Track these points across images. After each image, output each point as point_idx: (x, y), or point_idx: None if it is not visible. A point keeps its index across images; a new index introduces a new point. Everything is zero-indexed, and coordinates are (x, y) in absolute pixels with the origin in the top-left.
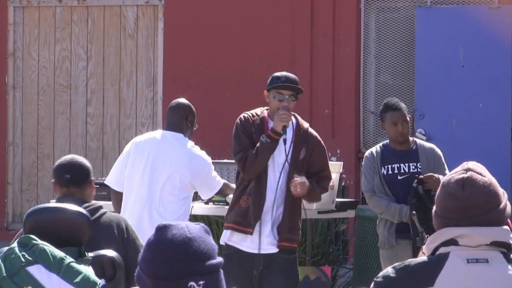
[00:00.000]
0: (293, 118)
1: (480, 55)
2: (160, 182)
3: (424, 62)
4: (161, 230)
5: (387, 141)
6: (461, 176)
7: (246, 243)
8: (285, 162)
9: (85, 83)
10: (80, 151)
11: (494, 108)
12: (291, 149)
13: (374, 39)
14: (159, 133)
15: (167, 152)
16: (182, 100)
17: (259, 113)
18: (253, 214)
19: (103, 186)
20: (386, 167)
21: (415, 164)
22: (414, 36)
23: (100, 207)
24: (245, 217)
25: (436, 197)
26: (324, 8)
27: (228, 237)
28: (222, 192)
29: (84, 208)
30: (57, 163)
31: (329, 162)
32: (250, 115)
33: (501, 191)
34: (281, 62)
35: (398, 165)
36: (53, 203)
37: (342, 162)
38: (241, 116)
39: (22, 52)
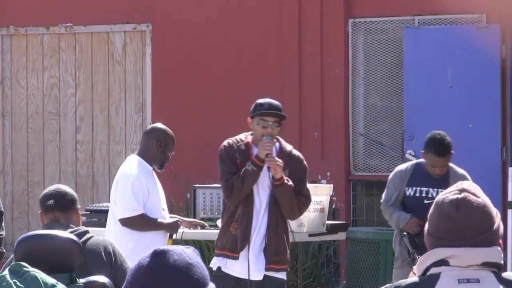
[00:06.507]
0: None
1: (469, 75)
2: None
3: (412, 83)
4: (160, 255)
5: (423, 160)
6: (455, 196)
7: (236, 269)
8: (269, 189)
9: (74, 110)
10: (70, 178)
11: (483, 128)
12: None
13: (362, 61)
14: (127, 161)
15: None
16: (157, 124)
17: (243, 138)
18: (240, 240)
19: (94, 212)
20: (413, 189)
21: (443, 190)
22: (403, 57)
23: (87, 232)
24: (235, 243)
25: (429, 215)
26: (311, 31)
27: (218, 263)
28: (136, 224)
29: (70, 232)
30: (42, 193)
31: (319, 185)
32: (235, 141)
33: (495, 212)
34: (269, 86)
35: (426, 189)
36: (43, 230)
37: (332, 185)
38: (225, 142)
39: (11, 80)
